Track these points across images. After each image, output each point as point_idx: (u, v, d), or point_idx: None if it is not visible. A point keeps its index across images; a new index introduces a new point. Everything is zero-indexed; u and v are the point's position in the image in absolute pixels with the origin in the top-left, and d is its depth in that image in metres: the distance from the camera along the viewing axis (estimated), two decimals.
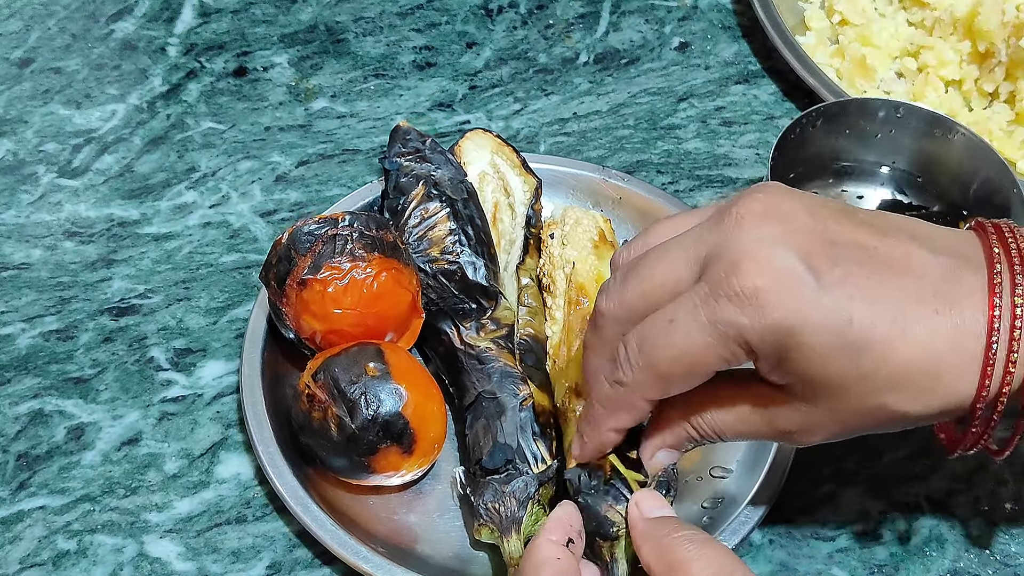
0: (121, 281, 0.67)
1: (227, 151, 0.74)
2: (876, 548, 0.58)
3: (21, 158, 0.72)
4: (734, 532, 0.55)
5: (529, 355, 0.59)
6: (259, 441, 0.57)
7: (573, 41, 0.82)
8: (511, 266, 0.63)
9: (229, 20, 0.82)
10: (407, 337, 0.60)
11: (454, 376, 0.60)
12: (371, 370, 0.54)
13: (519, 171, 0.67)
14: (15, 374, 0.62)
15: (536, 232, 0.65)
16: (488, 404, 0.57)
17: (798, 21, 0.83)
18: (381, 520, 0.57)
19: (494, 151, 0.67)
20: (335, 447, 0.54)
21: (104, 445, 0.60)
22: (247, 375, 0.59)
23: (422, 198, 0.63)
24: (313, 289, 0.56)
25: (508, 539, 0.53)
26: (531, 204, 0.65)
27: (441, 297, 0.60)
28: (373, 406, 0.53)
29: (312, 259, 0.56)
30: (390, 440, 0.54)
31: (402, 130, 0.66)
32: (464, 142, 0.68)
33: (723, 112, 0.78)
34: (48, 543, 0.56)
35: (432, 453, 0.56)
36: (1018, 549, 0.59)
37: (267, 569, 0.56)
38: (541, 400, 0.58)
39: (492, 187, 0.66)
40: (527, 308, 0.61)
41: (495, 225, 0.65)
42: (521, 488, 0.54)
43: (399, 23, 0.82)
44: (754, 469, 0.57)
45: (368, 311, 0.57)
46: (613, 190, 0.68)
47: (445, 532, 0.57)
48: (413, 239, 0.62)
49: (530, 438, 0.56)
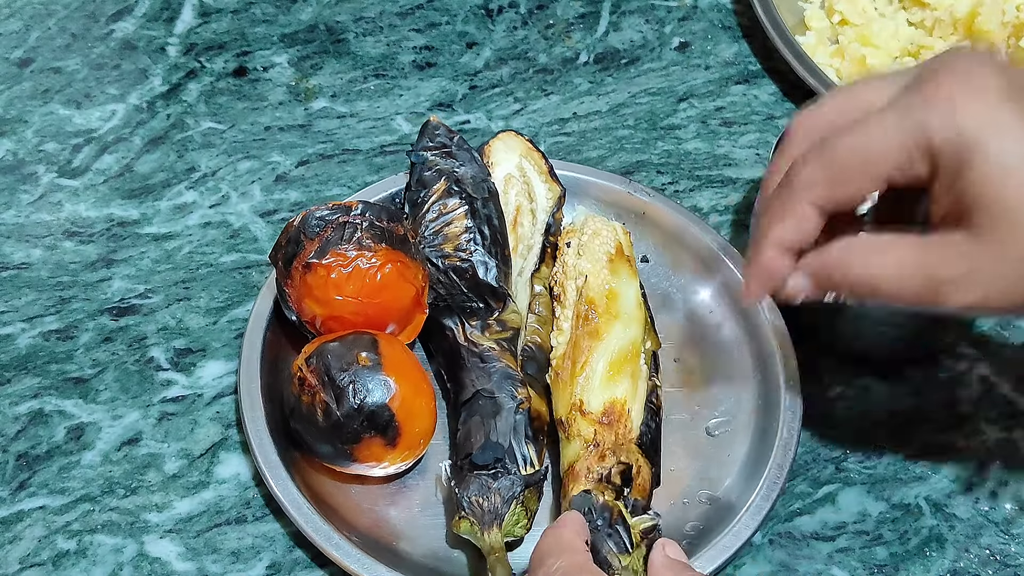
0: (121, 281, 0.67)
1: (227, 151, 0.74)
2: (876, 548, 0.58)
3: (21, 158, 0.72)
4: (736, 536, 0.55)
5: (531, 363, 0.59)
6: (257, 446, 0.57)
7: (573, 41, 0.82)
8: (526, 272, 0.63)
9: (229, 20, 0.82)
10: (409, 331, 0.60)
11: (454, 372, 0.60)
12: (363, 359, 0.55)
13: (545, 178, 0.66)
14: (15, 374, 0.62)
15: (555, 241, 0.65)
16: (485, 402, 0.57)
17: (798, 21, 0.83)
18: (363, 511, 0.57)
19: (523, 155, 0.67)
20: (320, 432, 0.55)
21: (104, 445, 0.60)
22: (245, 377, 0.59)
23: (442, 193, 0.63)
24: (317, 273, 0.57)
25: (488, 531, 0.53)
26: (553, 212, 0.65)
27: (450, 293, 0.61)
28: (360, 395, 0.54)
29: (319, 244, 0.57)
30: (374, 431, 0.54)
31: (431, 125, 0.66)
32: (495, 142, 0.68)
33: (723, 112, 0.78)
34: (48, 543, 0.56)
35: (417, 448, 0.57)
36: (1018, 549, 0.59)
37: (267, 569, 0.56)
38: (538, 405, 0.58)
39: (516, 190, 0.66)
40: (536, 316, 0.61)
41: (515, 229, 0.65)
42: (507, 487, 0.54)
43: (399, 23, 0.82)
44: (754, 476, 0.58)
45: (370, 301, 0.57)
46: (638, 204, 0.68)
47: (425, 528, 0.57)
48: (429, 233, 0.62)
49: (522, 440, 0.56)
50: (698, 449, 0.60)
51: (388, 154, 0.74)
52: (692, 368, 0.63)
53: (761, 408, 0.61)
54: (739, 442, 0.60)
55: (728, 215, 0.72)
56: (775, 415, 0.59)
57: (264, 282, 0.64)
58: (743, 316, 0.63)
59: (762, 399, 0.61)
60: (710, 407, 0.62)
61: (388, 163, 0.73)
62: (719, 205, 0.72)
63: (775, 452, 0.57)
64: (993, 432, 0.63)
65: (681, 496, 0.58)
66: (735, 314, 0.64)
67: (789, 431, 0.58)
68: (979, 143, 0.43)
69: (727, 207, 0.72)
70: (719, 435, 0.61)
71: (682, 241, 0.67)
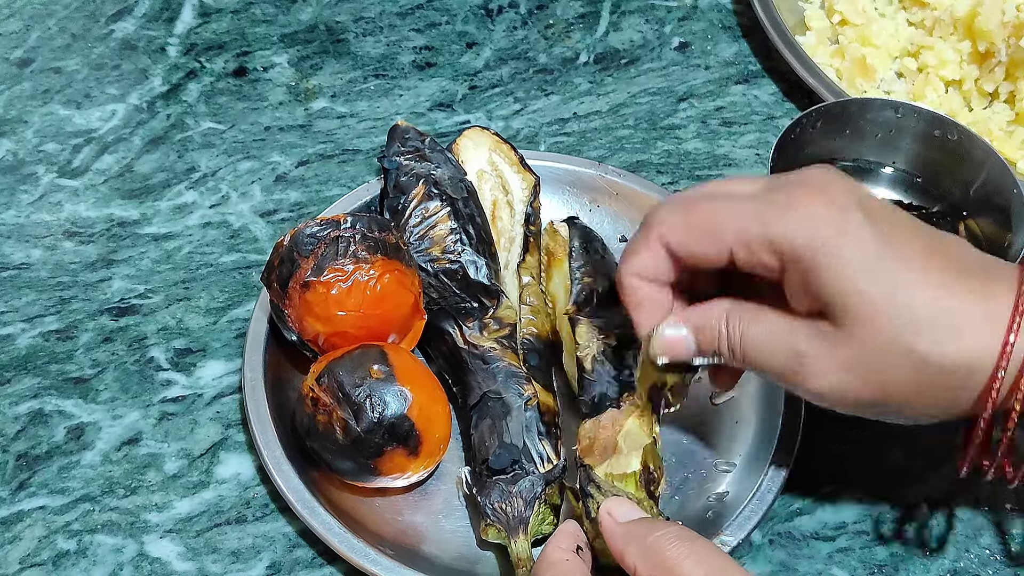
0: (121, 281, 0.67)
1: (227, 151, 0.74)
2: (876, 548, 0.58)
3: (21, 158, 0.72)
4: (739, 527, 0.55)
5: (532, 355, 0.59)
6: (263, 444, 0.56)
7: (573, 41, 0.82)
8: (512, 264, 0.63)
9: (229, 20, 0.82)
10: (409, 338, 0.60)
11: (458, 376, 0.60)
12: (375, 372, 0.54)
13: (517, 168, 0.67)
14: (15, 374, 0.62)
15: (536, 229, 0.65)
16: (493, 404, 0.57)
17: (798, 21, 0.83)
18: (387, 521, 0.57)
19: (492, 148, 0.67)
20: (341, 450, 0.54)
21: (104, 445, 0.60)
22: (249, 376, 0.59)
23: (422, 197, 0.63)
24: (316, 291, 0.56)
25: (516, 540, 0.53)
26: (530, 201, 0.65)
27: (443, 296, 0.60)
28: (379, 408, 0.53)
29: (315, 261, 0.56)
30: (396, 442, 0.54)
31: (401, 129, 0.66)
32: (462, 140, 0.68)
33: (723, 112, 0.78)
34: (48, 543, 0.56)
35: (437, 454, 0.56)
36: (1018, 549, 0.59)
37: (267, 569, 0.56)
38: (545, 399, 0.58)
39: (490, 185, 0.66)
40: (529, 307, 0.61)
41: (494, 223, 0.65)
42: (528, 488, 0.54)
43: (399, 23, 0.82)
44: (756, 467, 0.57)
45: (371, 313, 0.57)
46: (610, 186, 0.69)
47: (451, 532, 0.57)
48: (414, 238, 0.62)
49: (536, 438, 0.56)
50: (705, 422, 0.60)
51: None
52: None
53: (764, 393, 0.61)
54: (744, 406, 0.60)
55: None
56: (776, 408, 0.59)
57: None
58: None
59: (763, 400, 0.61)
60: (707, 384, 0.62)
61: None
62: None
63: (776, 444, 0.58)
64: (993, 432, 0.63)
65: (700, 469, 0.59)
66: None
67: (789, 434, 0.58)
68: (832, 246, 0.45)
69: None
70: (723, 405, 0.61)
71: None
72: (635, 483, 0.52)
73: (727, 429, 0.60)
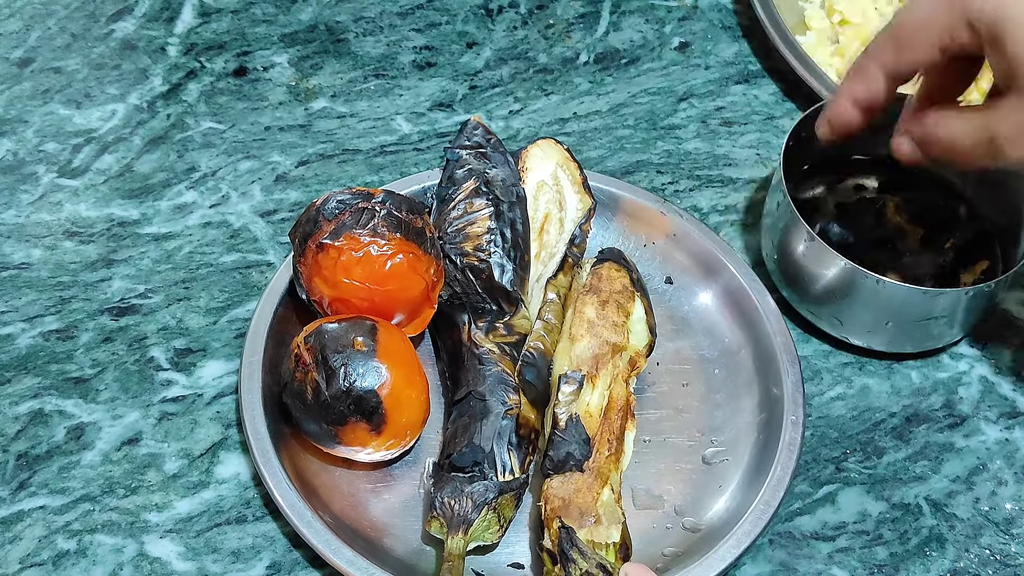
0: (121, 281, 0.67)
1: (227, 151, 0.74)
2: (876, 548, 0.58)
3: (21, 158, 0.72)
4: (738, 543, 0.55)
5: (530, 369, 0.59)
6: (256, 446, 0.57)
7: (573, 41, 0.82)
8: (543, 278, 0.63)
9: (229, 20, 0.82)
10: (416, 324, 0.61)
11: (454, 370, 0.60)
12: (358, 344, 0.55)
13: (578, 188, 0.66)
14: (15, 374, 0.62)
15: (578, 252, 0.65)
16: (475, 404, 0.58)
17: (798, 21, 0.83)
18: (345, 496, 0.58)
19: (560, 164, 0.67)
20: (308, 410, 0.55)
21: (104, 445, 0.60)
22: (246, 377, 0.59)
23: (470, 193, 0.63)
24: (328, 254, 0.57)
25: (454, 536, 0.53)
26: (580, 223, 0.65)
27: (465, 292, 0.61)
28: (350, 379, 0.54)
29: (335, 226, 0.58)
30: (360, 415, 0.55)
31: (471, 124, 0.67)
32: (532, 148, 0.68)
33: (723, 112, 0.78)
34: (48, 543, 0.56)
35: (403, 437, 0.57)
36: (1018, 549, 0.59)
37: (267, 569, 0.56)
38: (528, 413, 0.58)
39: (547, 198, 0.66)
40: (544, 323, 0.61)
41: (540, 235, 0.65)
42: (480, 492, 0.55)
43: (399, 23, 0.82)
44: (754, 484, 0.58)
45: (377, 287, 0.58)
46: (669, 224, 0.68)
47: (404, 522, 0.58)
48: (451, 230, 0.62)
49: (504, 447, 0.56)
50: (690, 478, 0.60)
51: (388, 154, 0.74)
52: (700, 394, 0.63)
53: (764, 422, 0.61)
54: (732, 471, 0.60)
55: (728, 215, 0.72)
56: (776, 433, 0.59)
57: (265, 282, 0.64)
58: (760, 344, 0.63)
59: (766, 412, 0.61)
60: (711, 434, 0.62)
61: (388, 163, 0.73)
62: (719, 205, 0.72)
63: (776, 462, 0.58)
64: (993, 432, 0.63)
65: (664, 521, 0.58)
66: (751, 341, 0.64)
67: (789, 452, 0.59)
68: (1012, 13, 0.50)
69: (727, 207, 0.72)
70: (715, 464, 0.61)
71: (709, 266, 0.67)
72: (615, 554, 0.53)
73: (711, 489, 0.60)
